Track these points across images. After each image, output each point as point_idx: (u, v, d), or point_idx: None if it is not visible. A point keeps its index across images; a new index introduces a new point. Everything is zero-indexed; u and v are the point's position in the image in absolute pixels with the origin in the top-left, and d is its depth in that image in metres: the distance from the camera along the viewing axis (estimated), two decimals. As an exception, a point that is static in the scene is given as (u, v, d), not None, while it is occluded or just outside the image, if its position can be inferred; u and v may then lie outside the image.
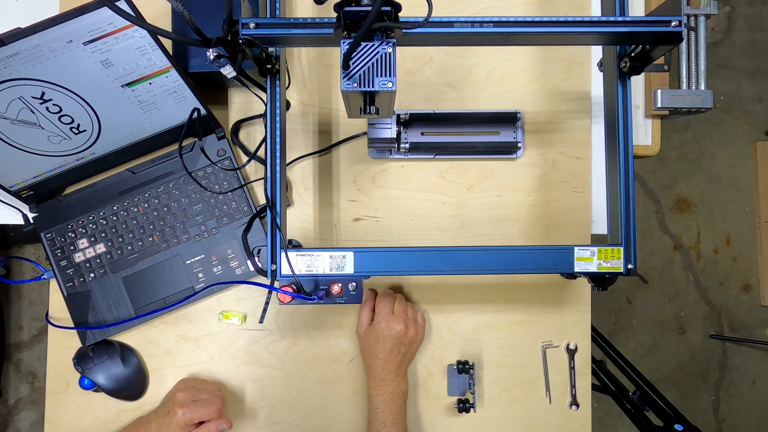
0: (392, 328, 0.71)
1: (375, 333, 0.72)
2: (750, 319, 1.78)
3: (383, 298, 0.74)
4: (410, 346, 0.73)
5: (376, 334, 0.72)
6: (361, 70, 0.49)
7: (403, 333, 0.71)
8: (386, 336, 0.71)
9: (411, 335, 0.72)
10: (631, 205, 0.64)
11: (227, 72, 0.51)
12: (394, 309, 0.73)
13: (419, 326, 0.75)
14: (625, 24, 0.54)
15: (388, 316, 0.72)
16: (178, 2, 0.42)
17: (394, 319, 0.72)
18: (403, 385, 0.73)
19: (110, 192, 0.77)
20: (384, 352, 0.71)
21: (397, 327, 0.71)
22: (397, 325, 0.71)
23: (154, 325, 0.78)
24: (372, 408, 0.72)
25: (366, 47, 0.49)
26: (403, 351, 0.72)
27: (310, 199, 0.80)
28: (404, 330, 0.71)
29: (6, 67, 0.58)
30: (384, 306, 0.73)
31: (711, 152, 1.81)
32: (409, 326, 0.72)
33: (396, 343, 0.71)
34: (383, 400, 0.71)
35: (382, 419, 0.70)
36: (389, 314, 0.72)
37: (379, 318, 0.72)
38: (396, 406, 0.72)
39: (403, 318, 0.72)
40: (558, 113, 0.81)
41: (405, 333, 0.71)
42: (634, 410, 1.05)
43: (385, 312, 0.73)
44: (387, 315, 0.72)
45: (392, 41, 0.50)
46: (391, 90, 0.50)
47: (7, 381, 1.65)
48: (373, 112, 0.53)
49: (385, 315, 0.72)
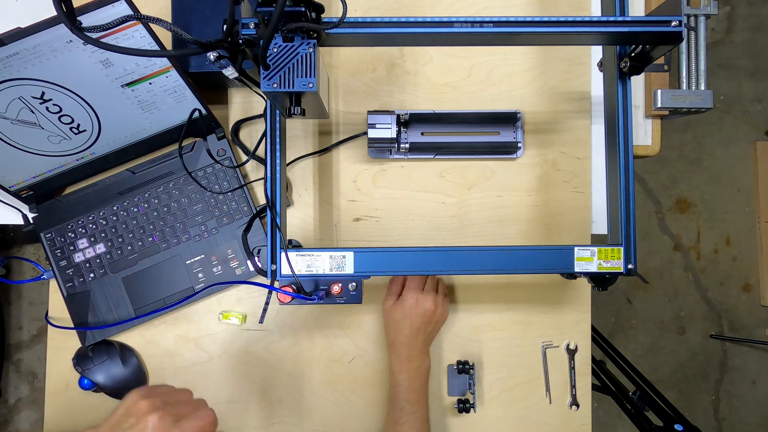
0: (420, 306, 0.70)
1: (402, 309, 0.71)
2: (750, 319, 1.78)
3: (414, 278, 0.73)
4: (436, 324, 0.72)
5: (403, 311, 0.71)
6: (281, 70, 0.50)
7: (431, 312, 0.70)
8: (414, 314, 0.70)
9: (439, 314, 0.71)
10: (631, 205, 0.64)
11: (229, 73, 0.51)
12: (424, 287, 0.72)
13: (446, 305, 0.74)
14: (625, 24, 0.54)
15: (417, 293, 0.71)
16: (174, 25, 0.43)
17: (423, 297, 0.70)
18: (426, 362, 0.72)
19: (110, 192, 0.77)
20: (410, 329, 0.70)
21: (426, 305, 0.70)
22: (426, 304, 0.70)
23: (154, 325, 0.78)
24: (395, 385, 0.71)
25: (286, 48, 0.50)
26: (429, 330, 0.71)
27: (310, 199, 0.80)
28: (433, 309, 0.70)
29: (6, 67, 0.58)
30: (415, 282, 0.72)
31: (711, 152, 1.81)
32: (437, 305, 0.71)
33: (423, 322, 0.70)
34: (407, 377, 0.70)
35: (406, 396, 0.70)
36: (419, 292, 0.71)
37: (408, 295, 0.71)
38: (420, 383, 0.71)
39: (433, 297, 0.71)
40: (558, 113, 0.81)
41: (433, 312, 0.70)
42: (634, 410, 1.05)
43: (414, 288, 0.71)
44: (416, 292, 0.71)
45: (313, 42, 0.50)
46: (311, 90, 0.50)
47: (7, 381, 1.65)
48: (298, 113, 0.53)
49: (414, 292, 0.71)
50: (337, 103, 0.81)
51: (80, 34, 0.45)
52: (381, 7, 0.81)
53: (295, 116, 0.54)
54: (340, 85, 0.81)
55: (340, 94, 0.81)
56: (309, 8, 0.48)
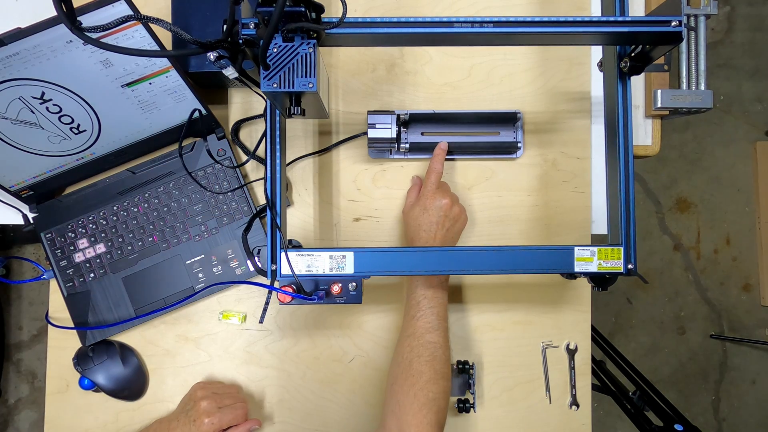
0: (438, 199, 0.71)
1: (421, 204, 0.72)
2: (750, 319, 1.78)
3: (430, 175, 0.74)
4: (455, 222, 0.72)
5: (422, 205, 0.72)
6: (281, 70, 0.50)
7: (448, 206, 0.71)
8: (432, 207, 0.71)
9: (456, 211, 0.72)
10: (631, 205, 0.64)
11: (229, 73, 0.51)
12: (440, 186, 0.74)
13: (463, 208, 0.74)
14: (625, 24, 0.54)
15: (434, 188, 0.72)
16: (174, 25, 0.43)
17: (440, 192, 0.72)
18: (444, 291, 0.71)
19: (110, 192, 0.77)
20: (429, 224, 0.71)
21: (443, 199, 0.71)
22: (443, 198, 0.71)
23: (154, 325, 0.78)
24: (411, 284, 0.71)
25: (286, 48, 0.50)
26: (448, 226, 0.71)
27: (310, 199, 0.80)
28: (450, 203, 0.71)
29: (6, 67, 0.58)
30: (430, 181, 0.73)
31: (711, 152, 1.81)
32: (454, 201, 0.72)
33: (441, 216, 0.71)
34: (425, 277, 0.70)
35: (423, 292, 0.69)
36: (435, 188, 0.73)
37: (426, 191, 0.73)
38: (437, 282, 0.70)
39: (449, 193, 0.73)
40: (558, 113, 0.81)
41: (450, 206, 0.71)
42: (634, 410, 1.05)
43: (431, 185, 0.73)
44: (433, 188, 0.72)
45: (313, 42, 0.50)
46: (311, 90, 0.50)
47: (7, 381, 1.65)
48: (298, 113, 0.53)
49: (431, 188, 0.72)
50: (337, 103, 0.81)
51: (80, 34, 0.45)
52: (381, 7, 0.81)
53: (295, 116, 0.54)
54: (340, 85, 0.81)
55: (340, 94, 0.81)
56: (309, 8, 0.49)
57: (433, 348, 0.66)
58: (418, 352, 0.66)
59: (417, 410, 0.63)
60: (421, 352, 0.66)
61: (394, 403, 0.65)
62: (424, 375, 0.65)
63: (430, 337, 0.67)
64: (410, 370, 0.65)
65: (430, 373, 0.65)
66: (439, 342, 0.67)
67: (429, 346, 0.66)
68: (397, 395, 0.65)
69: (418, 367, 0.65)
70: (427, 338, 0.67)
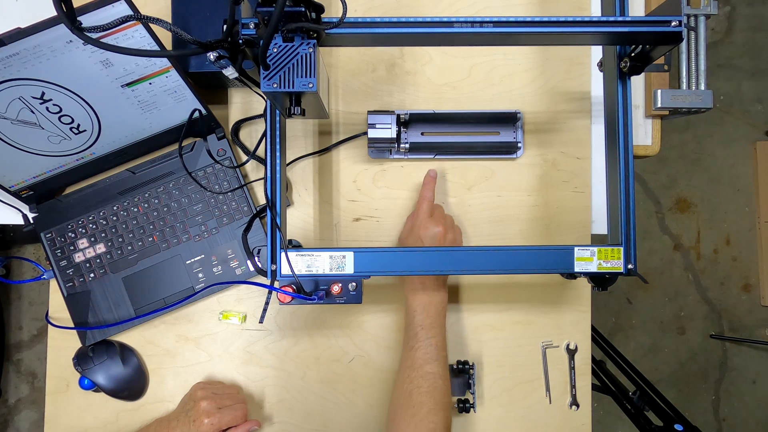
0: (430, 228, 0.71)
1: (414, 234, 0.72)
2: (750, 319, 1.78)
3: (421, 204, 0.74)
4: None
5: (415, 236, 0.72)
6: (281, 70, 0.50)
7: (442, 234, 0.71)
8: (426, 237, 0.71)
9: (450, 238, 0.72)
10: (631, 205, 0.64)
11: (229, 73, 0.51)
12: (433, 213, 0.74)
13: (457, 232, 0.74)
14: (625, 24, 0.54)
15: (426, 217, 0.72)
16: (174, 25, 0.43)
17: (432, 220, 0.72)
18: (441, 293, 0.72)
19: (110, 192, 0.77)
20: None
21: (437, 227, 0.71)
22: (437, 226, 0.71)
23: (154, 325, 0.78)
24: (409, 313, 0.71)
25: (286, 48, 0.50)
26: None
27: (310, 199, 0.80)
28: (443, 231, 0.71)
29: (6, 67, 0.58)
30: (422, 210, 0.73)
31: (711, 152, 1.81)
32: (447, 229, 0.72)
33: (435, 245, 0.71)
34: (421, 303, 0.70)
35: (420, 321, 0.69)
36: (428, 216, 0.73)
37: (419, 221, 0.73)
38: (435, 311, 0.70)
39: (442, 219, 0.73)
40: (558, 113, 0.81)
41: (444, 234, 0.71)
42: (634, 410, 1.05)
43: (423, 214, 0.73)
44: (425, 216, 0.72)
45: (312, 42, 0.50)
46: (311, 90, 0.50)
47: (7, 381, 1.65)
48: (298, 113, 0.53)
49: (423, 217, 0.72)
50: (337, 103, 0.81)
51: (80, 35, 0.45)
52: (381, 7, 0.81)
53: (295, 116, 0.54)
54: (340, 85, 0.81)
55: (340, 94, 0.81)
56: (309, 8, 0.48)
57: (432, 379, 0.67)
58: (417, 383, 0.66)
59: None
60: (420, 383, 0.66)
61: None
62: (424, 406, 0.65)
63: (429, 368, 0.67)
64: (410, 402, 0.66)
65: (430, 404, 0.65)
66: (438, 372, 0.67)
67: (428, 377, 0.67)
68: (399, 427, 0.65)
69: (419, 399, 0.65)
70: (426, 369, 0.67)
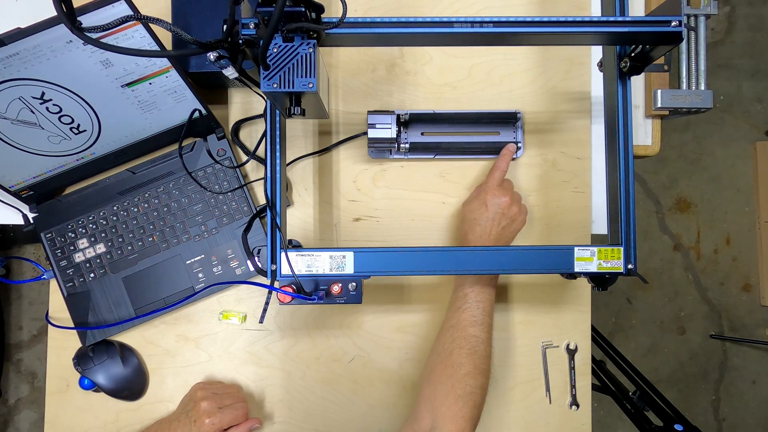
0: (498, 197, 0.71)
1: (480, 198, 0.72)
2: (750, 319, 1.78)
3: (494, 172, 0.74)
4: (511, 222, 0.72)
5: (481, 200, 0.72)
6: (281, 70, 0.50)
7: (507, 204, 0.71)
8: (491, 203, 0.71)
9: (514, 211, 0.71)
10: (631, 205, 0.64)
11: (229, 73, 0.51)
12: (503, 183, 0.74)
13: (523, 210, 0.74)
14: (625, 24, 0.54)
15: (495, 185, 0.73)
16: (174, 25, 0.43)
17: (500, 189, 0.72)
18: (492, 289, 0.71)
19: (110, 192, 0.77)
20: (486, 219, 0.70)
21: (503, 197, 0.71)
22: (504, 196, 0.71)
23: (154, 325, 0.78)
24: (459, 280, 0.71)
25: (286, 48, 0.50)
26: (504, 224, 0.71)
27: (310, 199, 0.80)
28: (509, 201, 0.71)
29: (6, 67, 0.58)
30: (494, 177, 0.73)
31: (711, 152, 1.81)
32: (514, 201, 0.72)
33: (499, 213, 0.71)
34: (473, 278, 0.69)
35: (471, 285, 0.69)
36: (497, 184, 0.73)
37: (487, 186, 0.73)
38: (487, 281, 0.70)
39: (510, 192, 0.73)
40: (558, 113, 0.81)
41: (509, 205, 0.71)
42: (634, 410, 1.05)
43: (494, 182, 0.73)
44: (495, 184, 0.73)
45: (312, 42, 0.50)
46: (311, 90, 0.50)
47: (7, 381, 1.65)
48: (298, 113, 0.53)
49: (493, 184, 0.73)
50: (337, 103, 0.81)
51: (80, 35, 0.45)
52: (381, 7, 0.81)
53: (295, 116, 0.54)
54: (340, 85, 0.81)
55: (340, 94, 0.81)
56: (309, 8, 0.49)
57: (474, 341, 0.65)
58: (459, 343, 0.65)
59: (453, 402, 0.62)
60: (462, 344, 0.65)
61: (429, 392, 0.64)
62: (463, 367, 0.64)
63: (473, 330, 0.66)
64: (449, 361, 0.64)
65: (469, 366, 0.64)
66: (481, 337, 0.66)
67: (471, 339, 0.65)
68: (434, 384, 0.64)
69: (458, 359, 0.64)
70: (470, 331, 0.66)
